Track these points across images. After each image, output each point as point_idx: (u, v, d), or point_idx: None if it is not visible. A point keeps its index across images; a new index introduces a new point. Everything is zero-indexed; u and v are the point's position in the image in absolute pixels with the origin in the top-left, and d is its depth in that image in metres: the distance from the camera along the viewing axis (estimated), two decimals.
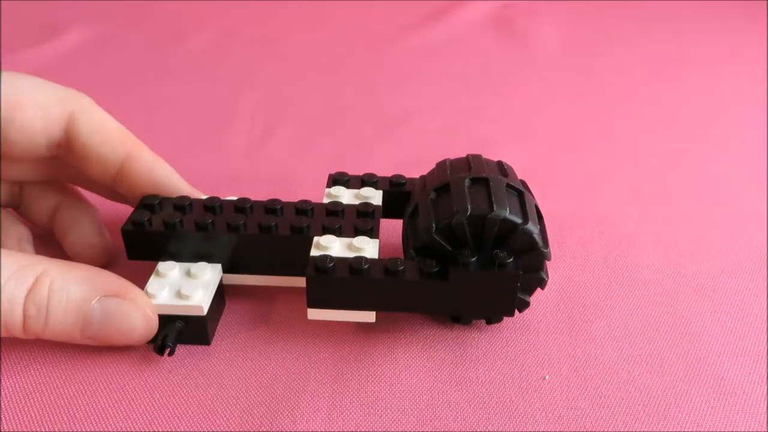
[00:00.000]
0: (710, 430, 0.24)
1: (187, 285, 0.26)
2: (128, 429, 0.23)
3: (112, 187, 0.29)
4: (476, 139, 0.44)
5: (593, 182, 0.39)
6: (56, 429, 0.23)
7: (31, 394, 0.25)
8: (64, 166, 0.30)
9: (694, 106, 0.49)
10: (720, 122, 0.47)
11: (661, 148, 0.43)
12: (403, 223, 0.29)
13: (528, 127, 0.46)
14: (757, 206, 0.37)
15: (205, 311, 0.26)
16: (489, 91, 0.52)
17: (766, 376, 0.26)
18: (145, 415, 0.24)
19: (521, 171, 0.40)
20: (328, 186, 0.31)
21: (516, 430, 0.24)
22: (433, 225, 0.25)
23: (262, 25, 0.65)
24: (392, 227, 0.34)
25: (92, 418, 0.24)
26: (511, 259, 0.25)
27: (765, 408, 0.24)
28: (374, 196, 0.30)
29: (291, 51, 0.59)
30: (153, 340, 0.26)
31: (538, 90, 0.52)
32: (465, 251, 0.25)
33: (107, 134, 0.28)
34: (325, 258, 0.25)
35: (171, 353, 0.26)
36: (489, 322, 0.28)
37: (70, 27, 0.61)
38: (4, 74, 0.26)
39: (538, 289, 0.27)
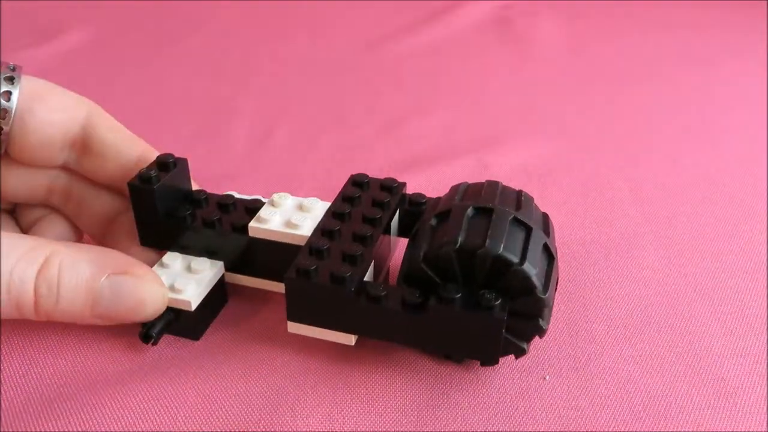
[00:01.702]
0: (710, 430, 0.24)
1: (182, 279, 0.27)
2: (124, 426, 0.23)
3: (122, 187, 0.29)
4: (476, 139, 0.44)
5: (593, 182, 0.39)
6: (55, 426, 0.23)
7: (30, 394, 0.25)
8: (71, 188, 0.30)
9: (694, 106, 0.49)
10: (720, 122, 0.47)
11: (661, 148, 0.43)
12: (407, 246, 0.27)
13: (528, 127, 0.46)
14: (757, 206, 0.37)
15: (193, 307, 0.26)
16: (489, 90, 0.52)
17: (766, 376, 0.26)
18: (141, 410, 0.24)
19: (521, 171, 0.40)
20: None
21: (516, 430, 0.24)
22: (422, 253, 0.24)
23: (261, 25, 0.65)
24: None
25: (86, 413, 0.24)
26: (499, 302, 0.23)
27: (765, 408, 0.24)
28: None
29: (291, 51, 0.59)
30: (142, 326, 0.26)
31: (538, 90, 0.52)
32: (451, 285, 0.23)
33: (123, 133, 0.29)
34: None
35: (154, 343, 0.26)
36: (483, 364, 0.26)
37: (70, 27, 0.61)
38: (27, 76, 0.27)
39: None
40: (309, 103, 0.49)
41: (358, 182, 0.29)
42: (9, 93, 0.26)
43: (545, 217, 0.27)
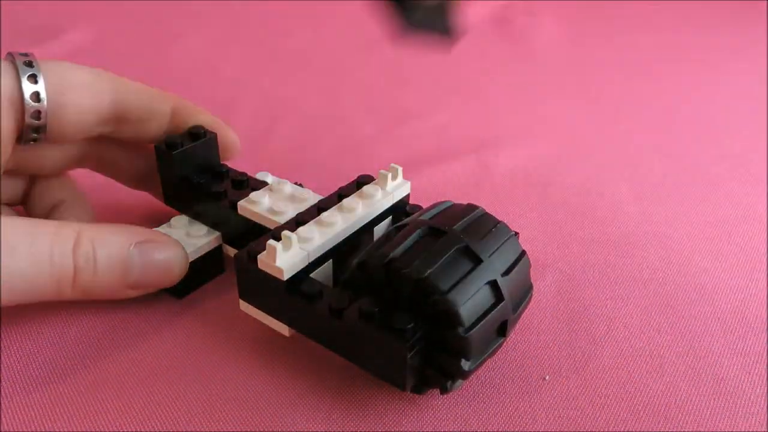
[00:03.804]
0: (710, 430, 0.24)
1: None
2: (126, 427, 0.23)
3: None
4: (476, 139, 0.44)
5: (593, 182, 0.39)
6: (56, 427, 0.23)
7: (31, 394, 0.25)
8: (103, 154, 0.32)
9: (694, 106, 0.49)
10: (720, 122, 0.47)
11: (661, 147, 0.43)
12: None
13: (528, 127, 0.46)
14: (757, 206, 0.37)
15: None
16: (489, 90, 0.52)
17: (766, 376, 0.26)
18: (142, 411, 0.24)
19: (521, 171, 0.40)
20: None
21: (516, 430, 0.24)
22: (358, 261, 0.23)
23: (261, 25, 0.65)
24: None
25: (91, 415, 0.24)
26: (410, 326, 0.21)
27: (765, 408, 0.25)
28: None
29: (291, 51, 0.59)
30: None
31: (538, 90, 0.52)
32: (372, 298, 0.23)
33: (150, 92, 0.30)
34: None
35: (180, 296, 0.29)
36: (442, 392, 0.23)
37: (71, 27, 0.61)
38: (42, 63, 0.27)
39: (539, 287, 0.26)
40: (309, 102, 0.49)
41: (362, 183, 0.29)
42: (35, 77, 0.27)
43: (518, 256, 0.24)
